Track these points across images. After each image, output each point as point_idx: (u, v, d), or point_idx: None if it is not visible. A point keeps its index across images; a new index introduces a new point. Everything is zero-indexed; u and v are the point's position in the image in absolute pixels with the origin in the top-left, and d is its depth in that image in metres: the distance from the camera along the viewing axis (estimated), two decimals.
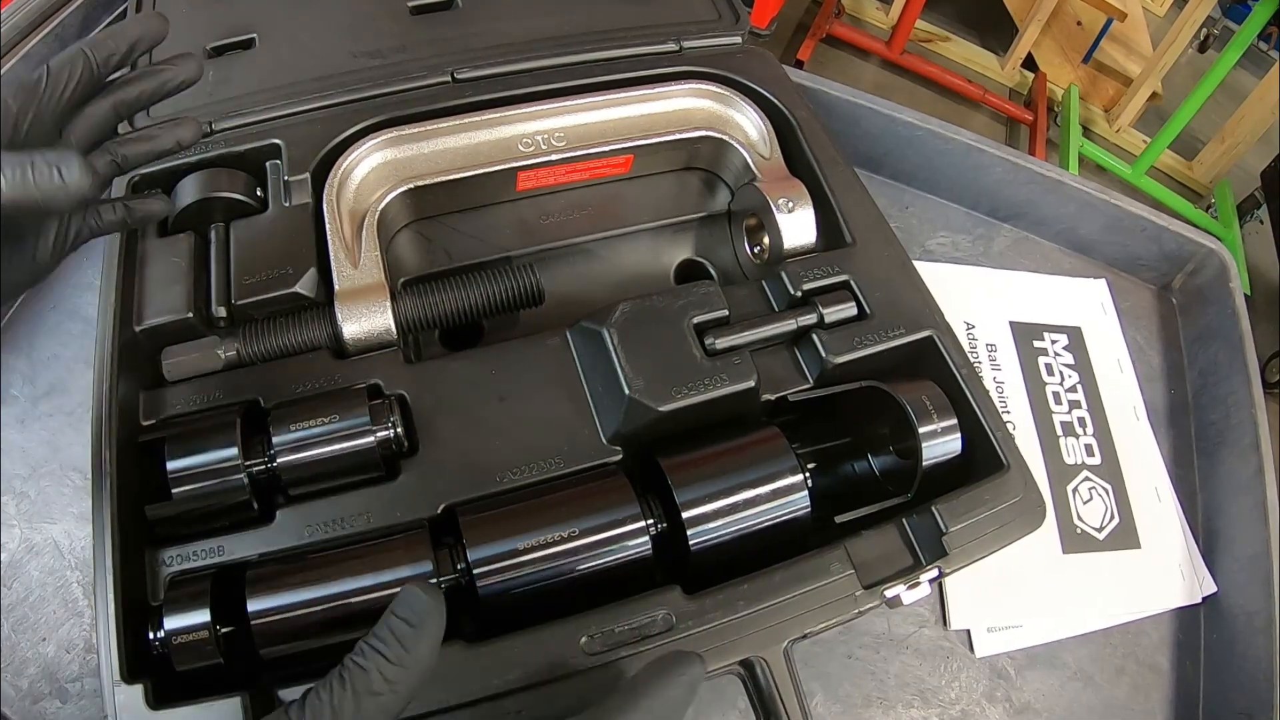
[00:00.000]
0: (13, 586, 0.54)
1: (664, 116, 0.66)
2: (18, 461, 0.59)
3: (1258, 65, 2.68)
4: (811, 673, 0.59)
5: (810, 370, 0.54)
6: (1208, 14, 2.21)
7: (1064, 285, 0.83)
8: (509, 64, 0.65)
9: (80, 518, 0.57)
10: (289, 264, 0.53)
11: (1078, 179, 0.81)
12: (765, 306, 0.56)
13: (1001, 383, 0.75)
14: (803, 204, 0.60)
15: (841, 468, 0.57)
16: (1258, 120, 2.28)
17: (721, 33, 0.70)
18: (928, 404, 0.51)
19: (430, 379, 0.51)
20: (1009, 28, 2.55)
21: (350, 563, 0.44)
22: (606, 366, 0.50)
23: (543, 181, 0.64)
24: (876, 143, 0.82)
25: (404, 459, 0.49)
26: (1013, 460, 0.51)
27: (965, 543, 0.48)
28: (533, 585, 0.45)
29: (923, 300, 0.57)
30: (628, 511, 0.47)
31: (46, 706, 0.51)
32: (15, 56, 0.69)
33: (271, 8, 0.68)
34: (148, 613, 0.43)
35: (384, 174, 0.60)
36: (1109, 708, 0.62)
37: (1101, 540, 0.69)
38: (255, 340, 0.51)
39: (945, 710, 0.60)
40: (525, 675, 0.42)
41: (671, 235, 0.67)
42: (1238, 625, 0.64)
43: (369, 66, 0.64)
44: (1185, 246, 0.83)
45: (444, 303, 0.54)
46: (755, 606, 0.45)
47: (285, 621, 0.43)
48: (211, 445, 0.46)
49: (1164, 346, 0.83)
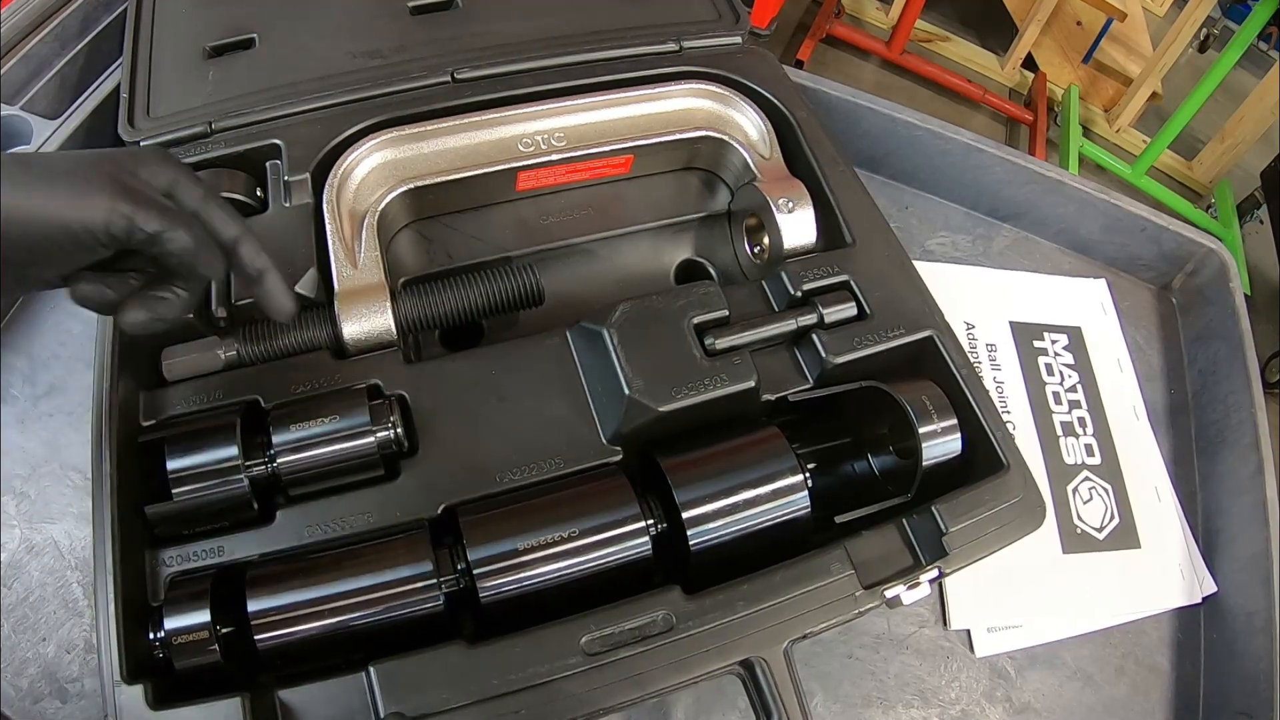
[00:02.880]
0: (13, 586, 0.54)
1: (664, 116, 0.66)
2: (18, 461, 0.59)
3: (1258, 65, 2.68)
4: (811, 673, 0.59)
5: (810, 370, 0.54)
6: (1208, 14, 2.20)
7: (1064, 285, 0.83)
8: (509, 64, 0.65)
9: (80, 518, 0.57)
10: (289, 264, 0.53)
11: (1078, 179, 0.81)
12: (765, 306, 0.56)
13: (1001, 383, 0.75)
14: (803, 204, 0.60)
15: (841, 468, 0.57)
16: (1258, 120, 2.28)
17: (721, 33, 0.70)
18: (928, 404, 0.51)
19: (430, 379, 0.51)
20: (1009, 28, 2.55)
21: (350, 563, 0.44)
22: (606, 366, 0.50)
23: (543, 181, 0.64)
24: (876, 143, 0.82)
25: (404, 459, 0.49)
26: (1012, 460, 0.51)
27: (965, 543, 0.48)
28: (533, 585, 0.45)
29: (923, 300, 0.57)
30: (627, 512, 0.47)
31: (46, 706, 0.51)
32: (15, 56, 0.69)
33: (271, 8, 0.68)
34: (148, 613, 0.43)
35: (384, 174, 0.59)
36: (1109, 707, 0.62)
37: (1101, 540, 0.69)
38: (255, 340, 0.51)
39: (945, 710, 0.60)
40: (525, 675, 0.42)
41: (671, 235, 0.67)
42: (1237, 625, 0.64)
43: (369, 66, 0.64)
44: (1185, 246, 0.83)
45: (444, 303, 0.54)
46: (755, 607, 0.45)
47: (285, 621, 0.43)
48: (211, 445, 0.46)
49: (1164, 346, 0.83)
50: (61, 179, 0.35)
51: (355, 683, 0.41)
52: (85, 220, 0.35)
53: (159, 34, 0.66)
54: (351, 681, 0.41)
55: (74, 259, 0.37)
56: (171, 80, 0.63)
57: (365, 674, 0.41)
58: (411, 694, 0.41)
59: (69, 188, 0.35)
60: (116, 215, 0.36)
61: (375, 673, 0.41)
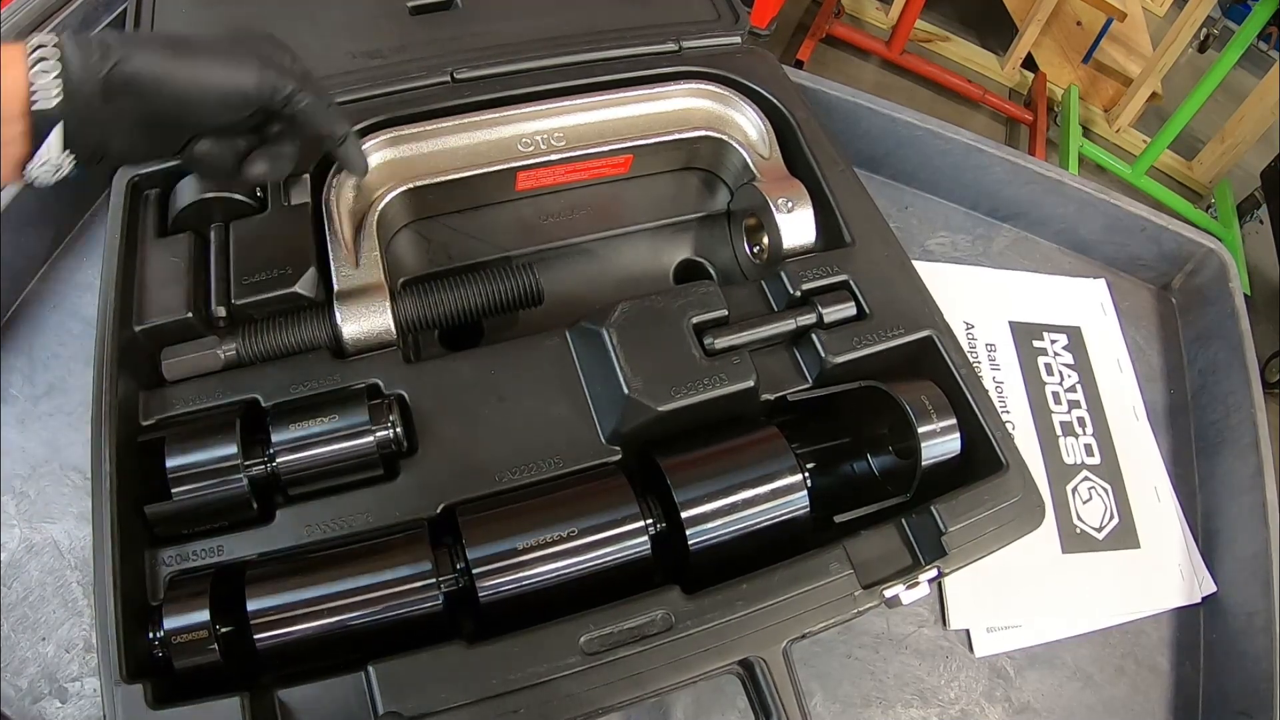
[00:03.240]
0: (13, 586, 0.54)
1: (663, 116, 0.66)
2: (18, 461, 0.59)
3: (1258, 65, 2.68)
4: (811, 673, 0.59)
5: (809, 370, 0.54)
6: (1208, 14, 2.20)
7: (1063, 285, 0.83)
8: (509, 64, 0.65)
9: (80, 518, 0.57)
10: (288, 264, 0.53)
11: (1077, 179, 0.81)
12: (764, 306, 0.56)
13: (1001, 383, 0.75)
14: (802, 204, 0.60)
15: (841, 468, 0.57)
16: (1258, 120, 2.28)
17: (721, 33, 0.70)
18: (927, 404, 0.51)
19: (430, 379, 0.51)
20: (1009, 28, 2.55)
21: (349, 563, 0.44)
22: (606, 366, 0.50)
23: (542, 181, 0.64)
24: (876, 143, 0.82)
25: (403, 459, 0.49)
26: (1012, 460, 0.51)
27: (964, 543, 0.48)
28: (532, 585, 0.45)
29: (922, 300, 0.57)
30: (627, 511, 0.47)
31: (46, 706, 0.51)
32: None
33: (271, 8, 0.68)
34: (147, 612, 0.43)
35: (384, 174, 0.60)
36: (1108, 708, 0.62)
37: (1101, 540, 0.69)
38: (255, 340, 0.51)
39: (944, 710, 0.60)
40: (524, 675, 0.42)
41: (671, 235, 0.67)
42: (1237, 625, 0.64)
43: (369, 66, 0.64)
44: (1185, 246, 0.83)
45: (444, 303, 0.54)
46: (754, 606, 0.45)
47: (284, 621, 0.43)
48: (211, 445, 0.46)
49: (1163, 346, 0.83)
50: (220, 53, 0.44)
51: (354, 682, 0.41)
52: (239, 84, 0.44)
53: None
54: (351, 681, 0.41)
55: (218, 116, 0.46)
56: None
57: (364, 674, 0.41)
58: (411, 693, 0.41)
59: (226, 59, 0.44)
60: (265, 79, 0.45)
61: (374, 672, 0.41)
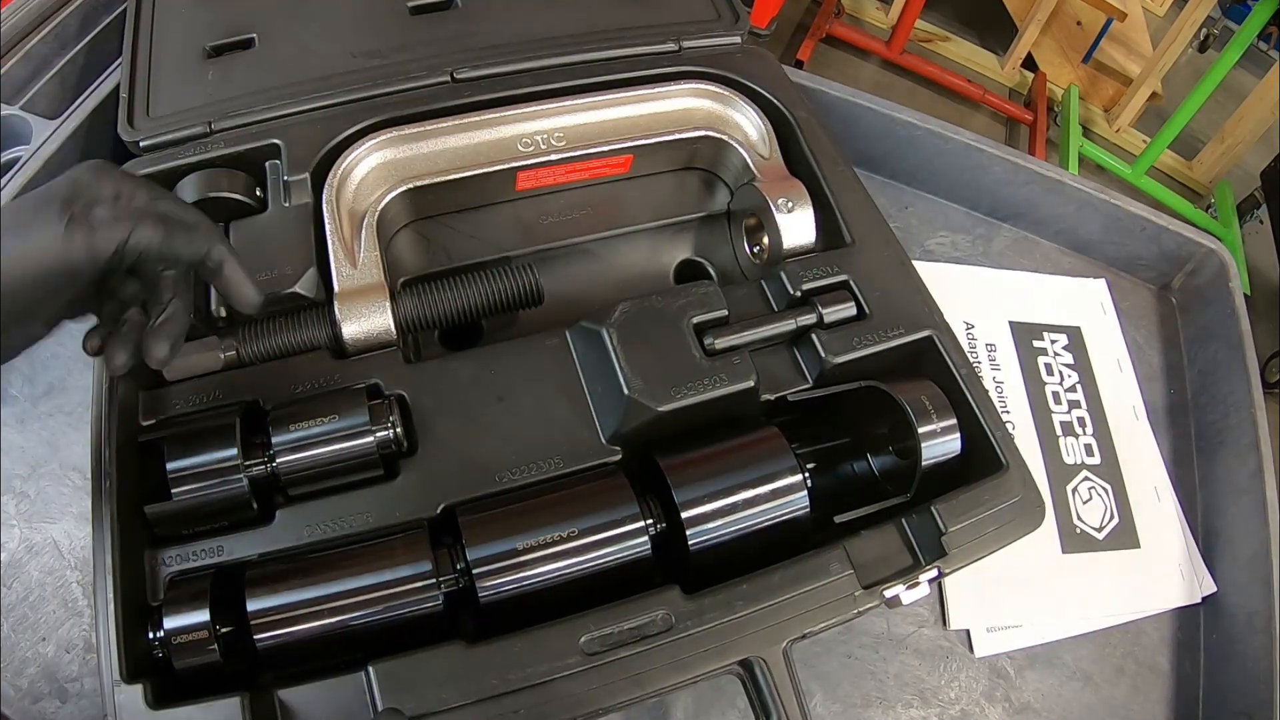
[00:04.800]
0: (13, 586, 0.54)
1: (663, 116, 0.66)
2: (18, 461, 0.59)
3: (1258, 65, 2.68)
4: (811, 673, 0.59)
5: (810, 370, 0.54)
6: (1208, 14, 2.20)
7: (1063, 285, 0.83)
8: (509, 64, 0.65)
9: (80, 518, 0.57)
10: (288, 264, 0.53)
11: (1077, 179, 0.81)
12: (765, 306, 0.56)
13: (1001, 383, 0.75)
14: (802, 204, 0.60)
15: (841, 468, 0.57)
16: (1258, 120, 2.27)
17: (721, 33, 0.70)
18: (927, 404, 0.51)
19: (430, 379, 0.51)
20: (1009, 28, 2.55)
21: (349, 563, 0.44)
22: (606, 366, 0.50)
23: (542, 181, 0.64)
24: (876, 143, 0.82)
25: (403, 459, 0.49)
26: (1012, 460, 0.51)
27: (964, 543, 0.48)
28: (532, 585, 0.45)
29: (922, 300, 0.57)
30: (627, 511, 0.47)
31: (46, 706, 0.51)
32: (15, 56, 0.69)
33: (271, 8, 0.68)
34: (147, 612, 0.43)
35: (383, 174, 0.60)
36: (1109, 708, 0.62)
37: (1101, 540, 0.69)
38: (255, 340, 0.51)
39: (945, 710, 0.60)
40: (524, 675, 0.42)
41: (671, 235, 0.67)
42: (1237, 625, 0.64)
43: (369, 66, 0.64)
44: (1185, 246, 0.83)
45: (444, 303, 0.54)
46: (754, 606, 0.45)
47: (285, 621, 0.43)
48: (211, 445, 0.46)
49: (1164, 346, 0.83)
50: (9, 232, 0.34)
51: (354, 682, 0.41)
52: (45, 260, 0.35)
53: (159, 34, 0.66)
54: (351, 681, 0.41)
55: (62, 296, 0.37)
56: (171, 80, 0.63)
57: (364, 673, 0.41)
58: (411, 693, 0.41)
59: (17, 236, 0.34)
60: (73, 245, 0.35)
61: (374, 672, 0.41)
